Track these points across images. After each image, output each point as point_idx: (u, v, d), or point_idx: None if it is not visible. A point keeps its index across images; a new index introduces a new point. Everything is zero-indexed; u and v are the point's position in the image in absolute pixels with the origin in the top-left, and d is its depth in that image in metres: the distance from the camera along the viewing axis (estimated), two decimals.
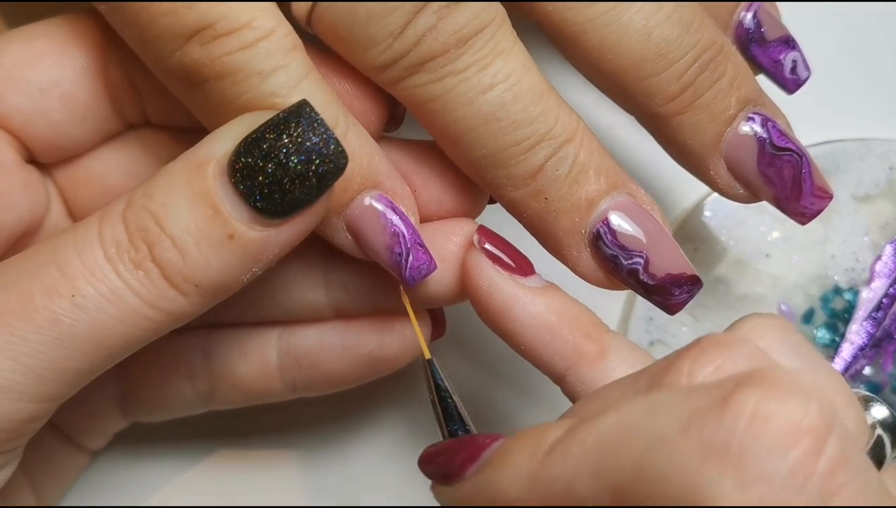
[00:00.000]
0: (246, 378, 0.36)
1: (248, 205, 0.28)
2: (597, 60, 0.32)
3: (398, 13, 0.29)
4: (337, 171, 0.28)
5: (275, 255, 0.29)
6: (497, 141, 0.31)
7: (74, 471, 0.39)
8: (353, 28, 0.30)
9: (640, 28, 0.31)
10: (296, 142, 0.28)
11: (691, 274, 0.32)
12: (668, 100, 0.32)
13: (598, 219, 0.32)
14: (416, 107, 0.31)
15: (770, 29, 0.35)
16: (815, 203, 0.34)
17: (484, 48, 0.30)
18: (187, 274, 0.28)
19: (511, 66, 0.30)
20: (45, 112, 0.32)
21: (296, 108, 0.28)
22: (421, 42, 0.30)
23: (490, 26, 0.30)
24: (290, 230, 0.29)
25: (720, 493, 0.22)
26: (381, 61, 0.30)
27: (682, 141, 0.33)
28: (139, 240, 0.28)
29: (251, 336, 0.36)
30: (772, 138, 0.33)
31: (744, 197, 0.34)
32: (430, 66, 0.30)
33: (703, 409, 0.23)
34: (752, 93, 0.33)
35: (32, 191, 0.33)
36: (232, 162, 0.28)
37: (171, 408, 0.38)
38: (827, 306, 0.41)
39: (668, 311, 0.33)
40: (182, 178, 0.28)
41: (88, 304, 0.28)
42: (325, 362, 0.36)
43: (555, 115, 0.31)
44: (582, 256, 0.32)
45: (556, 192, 0.31)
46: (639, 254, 0.32)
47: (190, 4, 0.28)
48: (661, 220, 0.32)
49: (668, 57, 0.32)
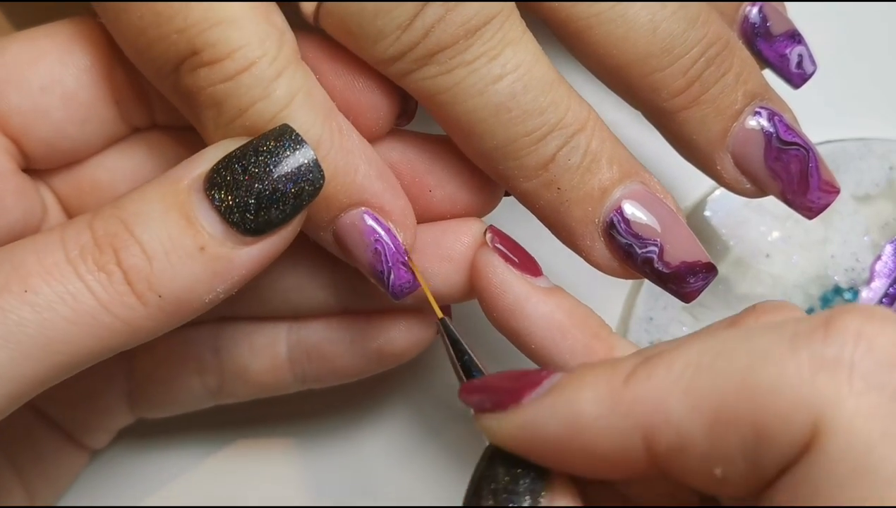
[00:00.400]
0: (256, 372, 0.36)
1: (223, 220, 0.28)
2: (602, 56, 0.32)
3: (406, 6, 0.29)
4: (313, 192, 0.29)
5: (241, 277, 0.29)
6: (508, 131, 0.30)
7: (72, 472, 0.39)
8: (361, 22, 0.30)
9: (645, 23, 0.31)
10: (273, 162, 0.28)
11: (706, 262, 0.32)
12: (674, 95, 0.32)
13: (612, 207, 0.32)
14: (426, 99, 0.31)
15: (776, 23, 0.35)
16: (823, 197, 0.34)
17: (493, 39, 0.30)
18: (152, 281, 0.28)
19: (521, 56, 0.30)
20: (45, 111, 0.32)
21: (276, 130, 0.29)
22: (429, 34, 0.29)
23: (499, 17, 0.30)
24: (260, 249, 0.29)
25: (836, 401, 0.23)
26: (389, 54, 0.30)
27: (688, 136, 0.33)
28: (106, 245, 0.28)
29: (261, 330, 0.36)
30: (778, 132, 0.33)
31: (751, 191, 0.34)
32: (439, 57, 0.30)
33: (808, 330, 0.24)
34: (759, 87, 0.33)
35: (26, 199, 0.33)
36: (209, 177, 0.28)
37: (179, 403, 0.37)
38: (827, 306, 0.41)
39: (683, 299, 0.33)
40: (157, 192, 0.29)
41: (40, 301, 0.27)
42: (334, 355, 0.36)
43: (566, 105, 0.31)
44: (596, 246, 0.32)
45: (569, 182, 0.31)
46: (653, 242, 0.32)
47: (181, 30, 0.28)
48: (675, 208, 0.32)
49: (673, 52, 0.32)
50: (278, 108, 0.29)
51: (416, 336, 0.35)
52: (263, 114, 0.29)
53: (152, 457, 0.41)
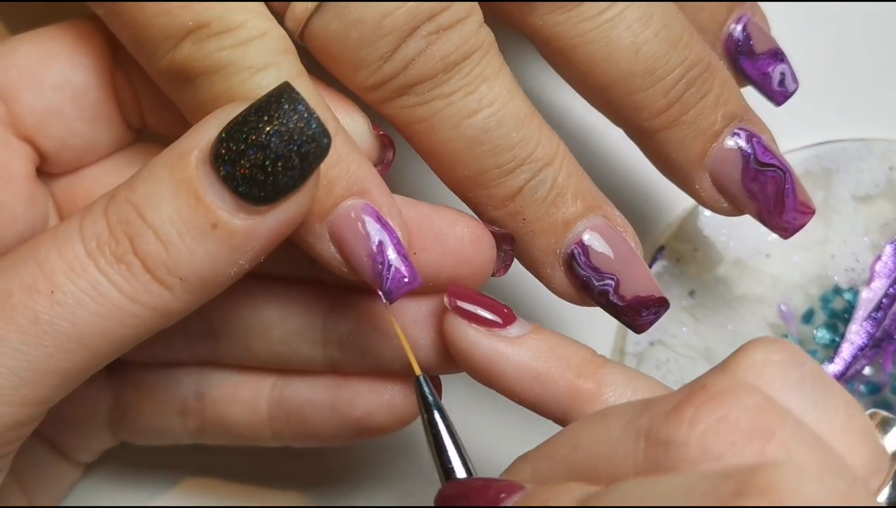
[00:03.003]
0: (236, 422, 0.36)
1: (231, 192, 0.28)
2: (586, 75, 0.33)
3: (389, 38, 0.30)
4: (320, 152, 0.28)
5: (261, 247, 0.29)
6: (480, 163, 0.31)
7: (67, 482, 0.39)
8: (344, 50, 0.30)
9: (628, 44, 0.32)
10: (276, 123, 0.27)
11: (659, 297, 0.33)
12: (654, 115, 0.33)
13: (573, 240, 0.33)
14: (403, 127, 0.32)
15: (759, 41, 0.35)
16: (798, 218, 0.34)
17: (471, 74, 0.31)
18: (171, 265, 0.28)
19: (496, 92, 0.31)
20: (58, 110, 0.33)
21: (276, 91, 0.28)
22: (410, 66, 0.30)
23: (478, 52, 0.31)
24: (275, 218, 0.28)
25: None
26: (370, 82, 0.31)
27: (668, 155, 0.34)
28: (120, 233, 0.28)
29: (245, 382, 0.36)
30: (756, 154, 0.34)
31: (728, 210, 0.35)
32: (417, 89, 0.31)
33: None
34: (738, 108, 0.34)
35: (36, 207, 0.33)
36: (214, 149, 0.28)
37: (159, 438, 0.38)
38: (827, 306, 0.41)
39: (634, 331, 0.34)
40: (165, 169, 0.28)
41: (68, 301, 0.27)
42: (314, 420, 0.35)
43: (535, 140, 0.32)
44: (556, 274, 0.33)
45: (534, 214, 0.32)
46: (610, 276, 0.33)
47: (186, 5, 0.29)
48: (634, 243, 0.33)
49: (655, 73, 0.32)
50: (289, 77, 0.29)
51: (397, 411, 0.35)
52: (276, 78, 0.29)
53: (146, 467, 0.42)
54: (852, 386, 0.41)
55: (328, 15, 0.30)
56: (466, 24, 0.31)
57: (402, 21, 0.30)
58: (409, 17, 0.30)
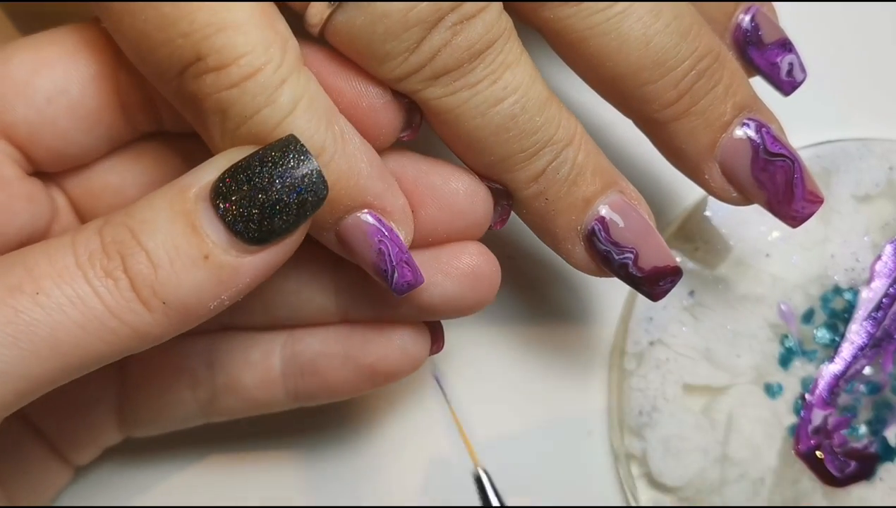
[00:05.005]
0: (248, 386, 0.37)
1: (227, 229, 0.29)
2: (596, 67, 0.33)
3: (415, 30, 0.30)
4: (317, 202, 0.29)
5: (245, 285, 0.30)
6: (505, 149, 0.32)
7: (54, 487, 0.39)
8: (370, 43, 0.30)
9: (638, 36, 0.32)
10: (278, 173, 0.29)
11: (674, 266, 0.34)
12: (664, 107, 0.33)
13: (593, 217, 0.33)
14: (430, 116, 0.32)
15: (767, 32, 0.35)
16: (807, 207, 0.35)
17: (494, 62, 0.31)
18: (157, 288, 0.29)
19: (519, 78, 0.31)
20: (52, 121, 0.32)
21: (282, 142, 0.29)
22: (436, 57, 0.31)
23: (500, 40, 0.31)
24: (262, 259, 0.30)
25: None
26: (396, 74, 0.31)
27: (678, 146, 0.34)
28: (113, 251, 0.29)
29: (256, 343, 0.37)
30: (765, 144, 0.34)
31: (737, 200, 0.35)
32: (444, 79, 0.31)
33: None
34: (748, 99, 0.34)
35: (34, 203, 0.33)
36: (215, 187, 0.29)
37: (168, 418, 0.38)
38: (827, 306, 0.41)
39: (652, 299, 0.35)
40: (164, 201, 0.29)
41: (51, 303, 0.28)
42: (328, 370, 0.36)
43: (556, 122, 0.32)
44: (576, 250, 0.34)
45: (556, 193, 0.33)
46: (629, 249, 0.34)
47: (186, 35, 0.28)
48: (648, 216, 0.34)
49: (665, 65, 0.32)
50: (282, 115, 0.29)
51: (410, 353, 0.36)
52: (268, 121, 0.29)
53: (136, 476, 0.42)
54: (852, 385, 0.41)
55: (352, 10, 0.30)
56: (488, 13, 0.31)
57: (427, 13, 0.30)
58: (434, 8, 0.30)
